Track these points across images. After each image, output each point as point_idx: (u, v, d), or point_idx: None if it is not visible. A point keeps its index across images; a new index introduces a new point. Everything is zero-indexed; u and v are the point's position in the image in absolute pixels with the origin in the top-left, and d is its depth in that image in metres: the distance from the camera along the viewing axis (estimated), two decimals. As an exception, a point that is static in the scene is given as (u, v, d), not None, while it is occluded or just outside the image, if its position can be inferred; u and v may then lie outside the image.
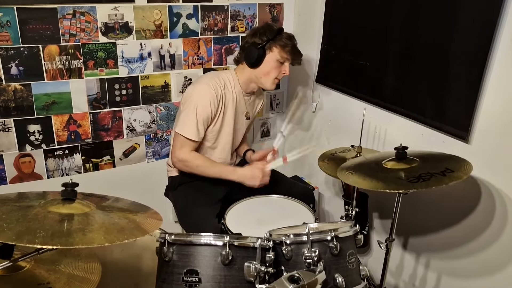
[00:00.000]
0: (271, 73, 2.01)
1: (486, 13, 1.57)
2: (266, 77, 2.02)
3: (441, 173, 1.48)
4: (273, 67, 2.00)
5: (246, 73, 2.05)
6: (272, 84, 2.05)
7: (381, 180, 1.51)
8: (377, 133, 2.16)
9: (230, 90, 2.04)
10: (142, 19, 2.17)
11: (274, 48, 1.98)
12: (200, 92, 1.97)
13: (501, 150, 1.61)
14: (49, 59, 2.01)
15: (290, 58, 2.01)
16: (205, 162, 2.00)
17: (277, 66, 2.00)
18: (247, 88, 2.10)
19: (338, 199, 2.51)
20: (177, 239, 1.31)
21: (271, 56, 1.98)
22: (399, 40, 1.97)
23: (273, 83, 2.04)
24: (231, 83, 2.06)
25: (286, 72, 2.03)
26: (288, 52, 1.99)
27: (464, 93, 1.69)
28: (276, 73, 2.02)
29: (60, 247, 0.96)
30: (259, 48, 1.97)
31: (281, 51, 1.98)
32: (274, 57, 1.98)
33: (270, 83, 2.04)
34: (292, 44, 1.99)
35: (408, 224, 2.05)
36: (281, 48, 1.97)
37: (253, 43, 1.99)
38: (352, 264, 1.40)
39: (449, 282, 1.93)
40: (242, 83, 2.07)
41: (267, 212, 1.89)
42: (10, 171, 2.09)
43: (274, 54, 1.98)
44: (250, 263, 1.27)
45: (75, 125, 2.18)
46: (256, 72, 2.02)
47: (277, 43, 1.97)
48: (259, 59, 1.98)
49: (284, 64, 2.02)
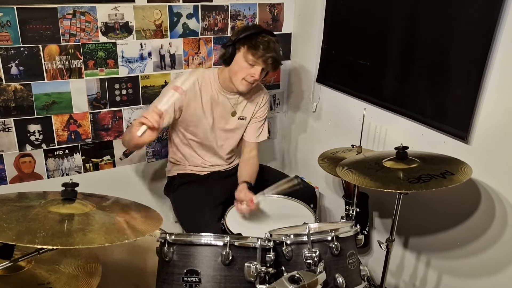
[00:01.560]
0: (238, 73, 1.93)
1: (486, 13, 1.57)
2: (234, 77, 1.95)
3: (441, 175, 1.48)
4: (241, 67, 1.91)
5: (224, 72, 2.01)
6: (240, 85, 1.95)
7: (381, 179, 1.51)
8: (377, 133, 2.16)
9: (208, 85, 2.02)
10: (142, 19, 2.17)
11: (242, 48, 1.90)
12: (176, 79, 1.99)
13: (501, 150, 1.61)
14: (49, 59, 2.01)
15: (257, 62, 1.89)
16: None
17: (245, 67, 1.91)
18: (227, 87, 2.03)
19: (338, 199, 2.50)
20: (178, 239, 1.31)
21: (239, 55, 1.91)
22: (399, 40, 1.97)
23: (242, 84, 1.95)
24: (210, 79, 2.03)
25: (255, 76, 1.91)
26: (255, 55, 1.87)
27: (464, 93, 1.69)
28: (243, 74, 1.92)
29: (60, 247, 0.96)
30: (229, 46, 1.92)
31: (246, 52, 1.88)
32: (241, 57, 1.90)
33: (238, 83, 1.95)
34: (264, 47, 1.87)
35: (409, 224, 2.05)
36: (247, 49, 1.88)
37: (228, 40, 1.95)
38: (352, 264, 1.40)
39: (449, 282, 1.93)
40: (222, 81, 2.03)
41: (267, 212, 1.89)
42: (10, 171, 2.09)
43: (241, 54, 1.90)
44: (250, 263, 1.27)
45: (75, 125, 2.17)
46: (228, 71, 1.97)
47: (246, 43, 1.88)
48: (229, 56, 1.93)
49: (254, 67, 1.90)
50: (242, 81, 1.94)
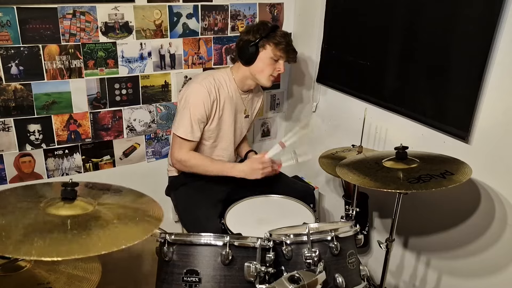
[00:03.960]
0: (265, 70, 2.00)
1: (486, 13, 1.57)
2: (260, 74, 2.02)
3: (440, 175, 1.48)
4: (267, 64, 1.99)
5: (241, 71, 2.06)
6: (268, 81, 2.04)
7: (381, 179, 1.51)
8: (378, 133, 2.16)
9: (225, 88, 2.05)
10: (142, 19, 2.17)
11: (267, 46, 1.97)
12: (193, 91, 1.98)
13: (501, 150, 1.61)
14: (49, 59, 2.01)
15: (284, 56, 2.00)
16: (204, 161, 2.01)
17: (271, 63, 1.99)
18: (243, 86, 2.10)
19: (338, 199, 2.51)
20: (177, 239, 1.31)
21: (264, 53, 1.98)
22: (399, 40, 1.97)
23: (269, 79, 2.04)
24: (226, 82, 2.06)
25: (281, 70, 2.03)
26: (281, 50, 1.97)
27: (464, 93, 1.69)
28: (270, 71, 2.01)
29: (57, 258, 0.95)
30: (252, 46, 1.97)
31: (274, 49, 1.97)
32: (268, 54, 1.98)
33: (265, 80, 2.04)
34: (286, 42, 1.98)
35: (409, 224, 2.05)
36: (274, 46, 1.96)
37: (246, 40, 1.99)
38: (352, 264, 1.40)
39: (449, 282, 1.93)
40: (238, 81, 2.08)
41: (267, 212, 1.89)
42: (10, 170, 2.09)
43: (267, 51, 1.97)
44: (250, 263, 1.27)
45: (75, 124, 2.17)
46: (251, 70, 2.02)
47: (270, 41, 1.96)
48: (253, 56, 1.98)
49: (279, 61, 2.00)
50: (270, 77, 2.03)
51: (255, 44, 1.96)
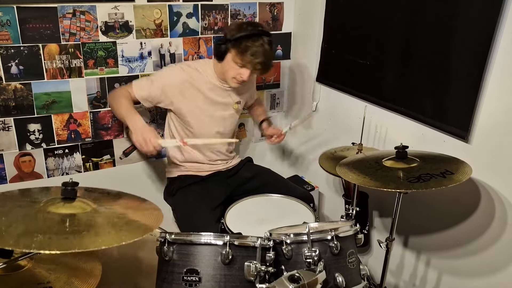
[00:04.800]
0: (228, 71, 1.95)
1: (486, 12, 1.56)
2: (226, 74, 1.98)
3: (441, 174, 1.48)
4: (231, 67, 1.93)
5: (218, 64, 2.01)
6: (231, 83, 1.99)
7: (381, 179, 1.51)
8: (378, 132, 2.16)
9: (202, 77, 2.03)
10: (142, 18, 2.17)
11: (232, 50, 1.89)
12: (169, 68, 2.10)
13: (501, 150, 1.61)
14: (49, 58, 2.01)
15: (246, 66, 1.90)
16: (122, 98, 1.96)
17: (234, 67, 1.92)
18: (223, 78, 2.04)
19: (338, 198, 2.51)
20: (177, 238, 1.31)
21: (229, 56, 1.91)
22: (399, 39, 1.96)
23: (232, 81, 1.98)
24: (206, 71, 2.04)
25: (243, 78, 1.93)
26: (243, 60, 1.87)
27: (464, 93, 1.69)
28: (233, 74, 1.94)
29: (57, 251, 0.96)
30: (220, 44, 1.92)
31: (235, 56, 1.88)
32: (231, 58, 1.91)
33: (229, 80, 1.99)
34: (251, 53, 1.85)
35: (409, 223, 2.05)
36: (236, 53, 1.88)
37: (222, 37, 1.95)
38: (352, 263, 1.40)
39: (449, 281, 1.93)
40: (218, 72, 2.03)
41: (267, 212, 1.89)
42: (10, 170, 2.09)
43: (231, 55, 1.90)
44: (250, 262, 1.27)
45: (75, 124, 2.17)
46: (221, 66, 1.98)
47: (235, 46, 1.87)
48: (221, 54, 1.93)
49: (243, 68, 1.91)
50: (233, 79, 1.97)
51: (224, 43, 1.91)
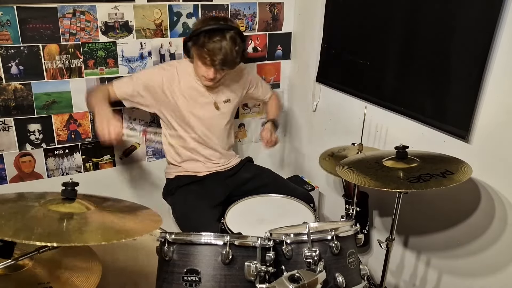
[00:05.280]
0: (196, 70, 1.89)
1: (486, 12, 1.56)
2: (196, 73, 1.91)
3: (441, 174, 1.48)
4: (197, 65, 1.85)
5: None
6: (202, 81, 1.91)
7: (381, 178, 1.51)
8: (378, 132, 2.16)
9: (182, 76, 1.97)
10: (142, 18, 2.17)
11: (193, 47, 1.81)
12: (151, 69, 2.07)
13: (501, 150, 1.61)
14: (49, 58, 2.01)
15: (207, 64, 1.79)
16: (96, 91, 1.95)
17: (200, 65, 1.83)
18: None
19: (338, 198, 2.50)
20: (178, 238, 1.31)
21: (194, 53, 1.84)
22: (399, 39, 1.96)
23: (202, 80, 1.90)
24: (185, 69, 1.98)
25: (209, 76, 1.83)
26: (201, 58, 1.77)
27: (464, 93, 1.69)
28: (201, 72, 1.86)
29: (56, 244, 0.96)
30: (186, 42, 1.85)
31: (196, 53, 1.80)
32: (195, 56, 1.83)
33: (200, 79, 1.92)
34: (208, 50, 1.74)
35: (409, 223, 2.05)
36: (195, 50, 1.79)
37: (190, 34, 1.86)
38: (352, 263, 1.40)
39: (449, 281, 1.93)
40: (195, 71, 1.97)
41: (267, 212, 1.89)
42: (10, 170, 2.09)
43: (194, 53, 1.83)
44: (250, 262, 1.27)
45: (75, 124, 2.18)
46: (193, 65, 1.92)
47: (195, 43, 1.78)
48: (187, 52, 1.87)
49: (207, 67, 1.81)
50: (202, 77, 1.90)
51: (188, 40, 1.84)
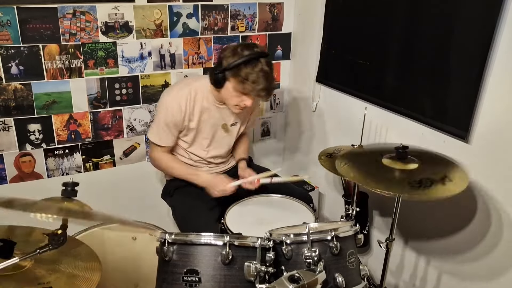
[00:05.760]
0: (230, 100, 1.86)
1: (486, 13, 1.57)
2: (227, 102, 1.89)
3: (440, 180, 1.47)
4: (232, 95, 1.83)
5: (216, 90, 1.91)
6: (234, 109, 1.90)
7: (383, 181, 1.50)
8: (378, 133, 2.16)
9: (200, 99, 1.93)
10: (142, 19, 2.17)
11: (232, 79, 1.79)
12: (167, 101, 1.91)
13: (501, 150, 1.61)
14: (49, 59, 2.01)
15: (250, 94, 1.79)
16: (171, 163, 2.02)
17: (235, 95, 1.82)
18: (220, 100, 1.95)
19: (338, 198, 2.50)
20: (177, 238, 1.31)
21: (229, 84, 1.81)
22: (399, 39, 1.96)
23: (235, 108, 1.89)
24: (203, 92, 1.93)
25: (247, 104, 1.83)
26: (245, 89, 1.77)
27: (464, 93, 1.69)
28: (235, 102, 1.85)
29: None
30: (217, 73, 1.81)
31: (237, 85, 1.78)
32: (231, 87, 1.81)
33: (232, 107, 1.89)
34: (253, 80, 1.74)
35: (409, 223, 2.05)
36: (237, 82, 1.77)
37: (220, 63, 1.83)
38: (352, 263, 1.40)
39: (449, 281, 1.93)
40: (215, 95, 1.94)
41: (267, 212, 1.89)
42: (10, 170, 2.10)
43: (231, 84, 1.80)
44: (250, 262, 1.27)
45: (75, 124, 2.18)
46: (219, 93, 1.89)
47: (235, 75, 1.77)
48: (219, 83, 1.83)
49: (246, 95, 1.81)
50: (236, 106, 1.88)
51: (221, 72, 1.80)
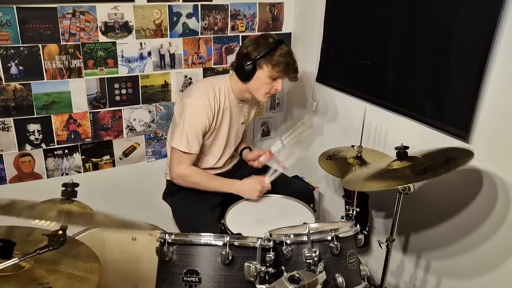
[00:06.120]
0: (261, 89, 1.94)
1: (486, 12, 1.56)
2: (256, 92, 1.96)
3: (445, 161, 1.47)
4: (263, 83, 1.92)
5: (239, 84, 1.98)
6: (264, 98, 1.98)
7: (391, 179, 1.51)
8: (378, 133, 2.16)
9: (224, 99, 1.99)
10: (142, 19, 2.17)
11: (265, 66, 1.88)
12: (194, 104, 1.91)
13: (501, 150, 1.61)
14: (49, 59, 2.00)
15: (282, 77, 1.92)
16: (204, 177, 1.99)
17: (268, 82, 1.92)
18: (241, 97, 2.03)
19: (338, 199, 2.50)
20: (177, 239, 1.31)
21: (261, 72, 1.89)
22: (399, 39, 1.96)
23: (265, 97, 1.98)
24: (225, 92, 1.99)
25: (278, 89, 1.95)
26: (280, 71, 1.89)
27: (464, 93, 1.69)
28: (267, 89, 1.94)
29: None
30: (249, 64, 1.88)
31: (271, 70, 1.88)
32: (265, 74, 1.89)
33: (262, 97, 1.97)
34: (285, 62, 1.88)
35: (409, 224, 2.05)
36: (272, 67, 1.88)
37: (245, 57, 1.90)
38: (352, 264, 1.40)
39: (449, 282, 1.93)
40: (236, 91, 2.01)
41: (267, 212, 1.89)
42: (9, 170, 2.09)
43: (264, 71, 1.89)
44: (250, 263, 1.27)
45: (75, 124, 2.17)
46: (247, 86, 1.95)
47: (268, 61, 1.87)
48: (249, 74, 1.90)
49: (277, 80, 1.92)
50: (266, 95, 1.96)
51: (252, 63, 1.88)
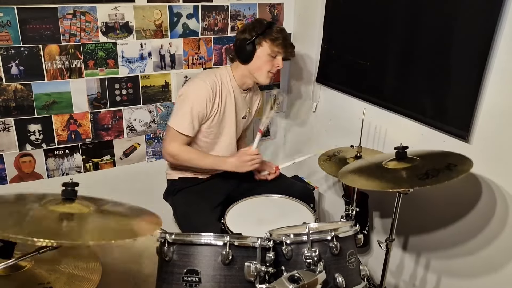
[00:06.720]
0: (263, 67, 2.00)
1: (486, 12, 1.57)
2: (259, 72, 2.01)
3: (446, 167, 1.47)
4: (265, 61, 1.98)
5: (240, 70, 2.05)
6: (267, 78, 2.03)
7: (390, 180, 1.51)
8: (377, 133, 2.16)
9: (226, 86, 2.04)
10: (142, 19, 2.17)
11: (264, 43, 1.96)
12: (196, 87, 1.97)
13: (501, 150, 1.61)
14: (50, 59, 2.01)
15: (282, 51, 1.99)
16: (196, 155, 2.00)
17: (268, 60, 1.99)
18: (242, 84, 2.09)
19: (338, 198, 2.51)
20: (178, 238, 1.31)
21: (262, 50, 1.97)
22: (399, 39, 1.97)
23: (267, 77, 2.03)
24: (227, 79, 2.05)
25: (279, 66, 2.01)
26: (279, 46, 1.96)
27: (464, 93, 1.69)
28: (268, 67, 2.00)
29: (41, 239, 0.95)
30: (249, 44, 1.95)
31: (271, 45, 1.96)
32: (265, 51, 1.97)
33: (264, 77, 2.02)
34: (283, 36, 1.97)
35: (408, 224, 2.05)
36: (271, 42, 1.96)
37: (243, 39, 1.97)
38: (352, 264, 1.40)
39: (449, 282, 1.93)
40: (238, 79, 2.07)
41: (267, 212, 1.89)
42: (10, 170, 2.10)
43: (264, 48, 1.97)
44: (250, 263, 1.27)
45: (75, 124, 2.18)
46: (249, 68, 2.01)
47: (266, 37, 1.95)
48: (250, 54, 1.97)
49: (276, 57, 2.00)
50: (268, 74, 2.02)
51: (251, 42, 1.95)
